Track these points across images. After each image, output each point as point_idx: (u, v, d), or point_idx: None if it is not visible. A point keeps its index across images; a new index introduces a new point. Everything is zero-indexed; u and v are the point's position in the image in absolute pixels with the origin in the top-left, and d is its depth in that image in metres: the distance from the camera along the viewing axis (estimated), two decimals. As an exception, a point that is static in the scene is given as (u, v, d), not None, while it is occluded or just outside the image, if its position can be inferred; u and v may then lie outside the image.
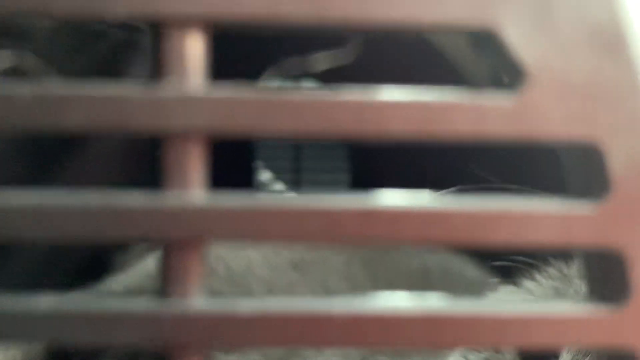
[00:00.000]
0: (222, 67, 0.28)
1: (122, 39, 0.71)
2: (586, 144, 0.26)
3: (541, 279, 0.49)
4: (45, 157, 0.71)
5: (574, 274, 0.48)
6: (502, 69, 0.27)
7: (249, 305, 0.25)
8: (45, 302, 0.25)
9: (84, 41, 0.70)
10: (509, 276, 0.50)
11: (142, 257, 0.74)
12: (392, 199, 0.26)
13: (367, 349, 0.50)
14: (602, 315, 0.26)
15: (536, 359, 0.45)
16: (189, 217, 0.25)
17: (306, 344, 0.25)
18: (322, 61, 0.30)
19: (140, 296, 0.45)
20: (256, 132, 0.25)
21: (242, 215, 0.25)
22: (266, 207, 0.25)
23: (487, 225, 0.26)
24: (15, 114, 0.24)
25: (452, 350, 0.50)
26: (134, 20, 0.25)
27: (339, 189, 0.87)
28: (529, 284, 0.50)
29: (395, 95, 0.25)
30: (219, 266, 0.71)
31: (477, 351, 0.48)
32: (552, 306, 0.26)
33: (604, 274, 0.27)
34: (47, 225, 0.24)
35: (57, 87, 0.24)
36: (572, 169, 0.27)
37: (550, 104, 0.26)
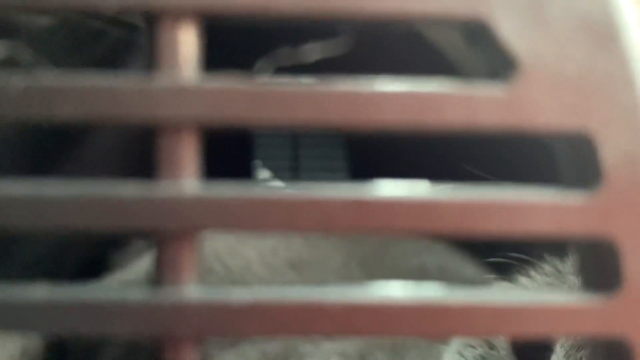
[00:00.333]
0: (215, 58, 0.28)
1: (120, 38, 0.71)
2: (579, 135, 0.26)
3: (536, 275, 0.49)
4: (42, 153, 0.71)
5: (568, 270, 0.48)
6: (495, 61, 0.27)
7: (243, 294, 0.25)
8: (40, 292, 0.25)
9: (81, 41, 0.70)
10: (504, 273, 0.50)
11: (139, 255, 0.75)
12: (385, 189, 0.26)
13: (362, 338, 0.50)
14: (595, 304, 0.26)
15: (530, 355, 0.45)
16: (183, 207, 0.25)
17: (301, 333, 0.25)
18: (314, 52, 0.30)
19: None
20: (249, 122, 0.25)
21: (236, 205, 0.25)
22: (260, 197, 0.25)
23: (480, 215, 0.26)
24: (7, 105, 0.24)
25: (446, 340, 0.50)
26: (127, 12, 0.25)
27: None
28: (523, 280, 0.50)
29: (388, 86, 0.26)
30: (217, 265, 0.72)
31: (472, 347, 0.48)
32: (545, 296, 0.27)
33: (597, 264, 0.27)
34: (39, 215, 0.24)
35: (50, 78, 0.24)
36: (565, 160, 0.27)
37: (543, 95, 0.26)
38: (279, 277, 0.71)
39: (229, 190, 0.25)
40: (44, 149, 0.71)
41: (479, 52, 0.27)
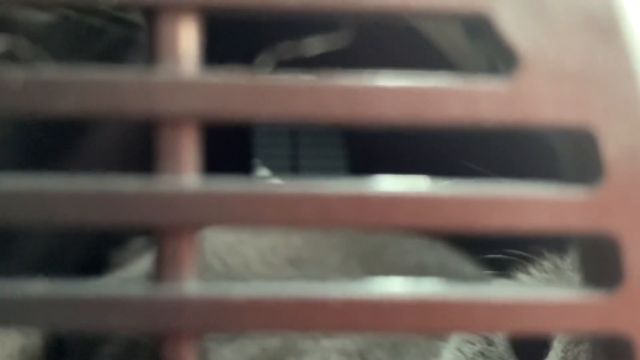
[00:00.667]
0: (215, 52, 0.28)
1: (120, 37, 0.71)
2: (580, 129, 0.26)
3: (535, 272, 0.49)
4: (42, 148, 0.71)
5: (567, 267, 0.48)
6: (496, 55, 0.27)
7: (243, 290, 0.25)
8: (39, 287, 0.25)
9: (81, 38, 0.70)
10: (503, 270, 0.50)
11: (139, 254, 0.75)
12: (385, 184, 0.26)
13: (361, 334, 0.50)
14: (596, 300, 0.26)
15: (528, 351, 0.45)
16: (183, 201, 0.25)
17: (300, 328, 0.25)
18: (315, 45, 0.30)
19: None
20: (249, 117, 0.25)
21: (237, 200, 0.25)
22: (260, 192, 0.25)
23: (481, 210, 0.26)
24: (7, 98, 0.24)
25: (446, 336, 0.50)
26: (127, 6, 0.25)
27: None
28: (523, 277, 0.50)
29: (388, 80, 0.25)
30: (216, 263, 0.71)
31: (471, 343, 0.48)
32: (546, 292, 0.27)
33: (598, 260, 0.27)
34: (38, 210, 0.24)
35: (50, 72, 0.24)
36: (565, 154, 0.27)
37: (543, 89, 0.26)
38: (279, 275, 0.71)
39: (229, 185, 0.25)
40: (44, 144, 0.71)
41: (479, 47, 0.27)
